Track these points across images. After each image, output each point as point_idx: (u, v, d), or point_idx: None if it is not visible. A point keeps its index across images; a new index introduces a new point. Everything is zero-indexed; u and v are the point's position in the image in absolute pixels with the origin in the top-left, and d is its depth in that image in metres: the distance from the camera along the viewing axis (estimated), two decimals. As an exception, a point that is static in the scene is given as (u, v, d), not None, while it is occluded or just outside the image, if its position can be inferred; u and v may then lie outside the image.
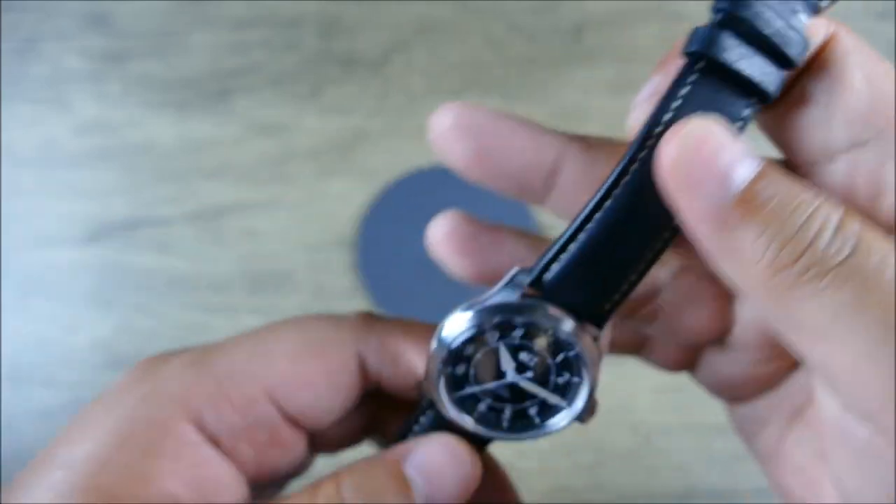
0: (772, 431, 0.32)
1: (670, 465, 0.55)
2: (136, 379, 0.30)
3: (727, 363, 0.32)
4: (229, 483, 0.29)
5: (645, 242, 0.27)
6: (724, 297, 0.32)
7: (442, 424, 0.30)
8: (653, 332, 0.32)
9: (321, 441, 0.34)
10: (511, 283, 0.28)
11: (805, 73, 0.26)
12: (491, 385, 0.29)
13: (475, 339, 0.28)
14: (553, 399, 0.29)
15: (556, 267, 0.27)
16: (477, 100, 0.63)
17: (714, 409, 0.36)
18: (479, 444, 0.31)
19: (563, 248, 0.27)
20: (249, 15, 0.65)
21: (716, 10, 0.25)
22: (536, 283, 0.28)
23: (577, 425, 0.29)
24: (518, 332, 0.28)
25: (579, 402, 0.28)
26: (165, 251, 0.61)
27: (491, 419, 0.29)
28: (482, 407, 0.29)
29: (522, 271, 0.28)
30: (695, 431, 0.56)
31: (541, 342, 0.28)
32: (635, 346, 0.34)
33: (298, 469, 0.33)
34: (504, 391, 0.29)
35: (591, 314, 0.28)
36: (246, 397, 0.30)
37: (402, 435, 0.31)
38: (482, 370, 0.29)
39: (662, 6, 0.64)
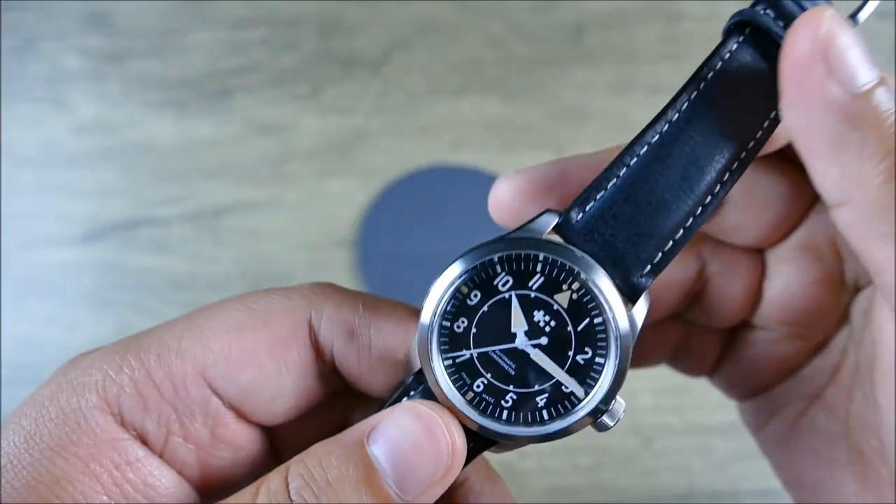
0: (785, 417, 0.32)
1: (670, 466, 0.55)
2: (57, 373, 0.26)
3: (754, 347, 0.32)
4: (167, 488, 0.25)
5: (699, 180, 0.23)
6: (758, 268, 0.32)
7: None
8: (693, 317, 0.32)
9: (287, 445, 0.29)
10: (536, 221, 0.24)
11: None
12: (495, 347, 0.23)
13: (484, 281, 0.23)
14: (568, 383, 0.23)
15: (590, 207, 0.24)
16: (477, 99, 0.63)
17: (714, 411, 0.36)
18: (471, 446, 0.24)
19: (598, 186, 0.24)
20: (249, 15, 0.65)
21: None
22: (565, 224, 0.24)
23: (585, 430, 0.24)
24: (536, 281, 0.23)
25: (599, 393, 0.23)
26: (165, 251, 0.61)
27: (488, 403, 0.24)
28: (479, 385, 0.23)
29: (551, 211, 0.24)
30: (695, 432, 0.56)
31: (562, 298, 0.23)
32: (671, 346, 0.33)
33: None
34: (509, 365, 0.23)
35: (629, 273, 0.23)
36: (173, 379, 0.25)
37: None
38: (487, 329, 0.23)
39: (662, 6, 0.64)
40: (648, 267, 0.24)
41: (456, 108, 0.63)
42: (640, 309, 0.24)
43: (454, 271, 0.23)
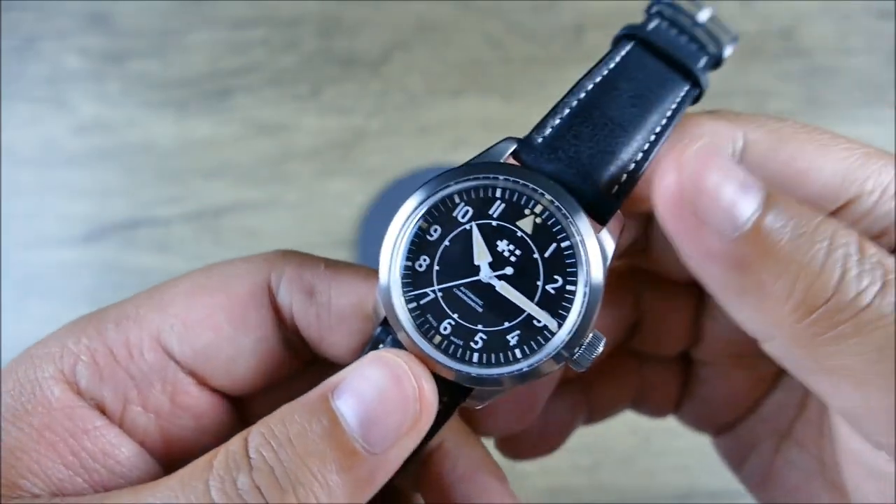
0: (760, 455, 0.32)
1: (670, 466, 0.55)
2: (22, 352, 0.26)
3: (708, 381, 0.33)
4: (127, 458, 0.24)
5: (648, 108, 0.23)
6: (693, 301, 0.31)
7: None
8: (637, 346, 0.33)
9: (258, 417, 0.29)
10: (494, 148, 0.23)
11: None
12: (459, 282, 0.22)
13: (443, 214, 0.22)
14: (539, 316, 0.22)
15: (549, 131, 0.23)
16: (477, 99, 0.63)
17: (714, 410, 0.37)
18: (445, 398, 0.23)
19: (554, 113, 0.23)
20: (249, 15, 0.65)
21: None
22: (526, 147, 0.23)
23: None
24: (497, 208, 0.22)
25: (573, 324, 0.22)
26: (165, 251, 0.61)
27: (457, 346, 0.22)
28: (446, 327, 0.22)
29: (511, 138, 0.23)
30: (694, 432, 0.56)
31: (525, 224, 0.22)
32: (632, 389, 0.34)
33: None
34: (476, 302, 0.22)
35: (599, 189, 0.22)
36: (130, 347, 0.25)
37: None
38: (450, 265, 0.22)
39: (662, 6, 0.64)
40: (616, 187, 0.23)
41: (456, 108, 0.63)
42: (610, 232, 0.23)
43: (410, 206, 0.22)
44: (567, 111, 0.23)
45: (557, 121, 0.23)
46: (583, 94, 0.24)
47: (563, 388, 0.32)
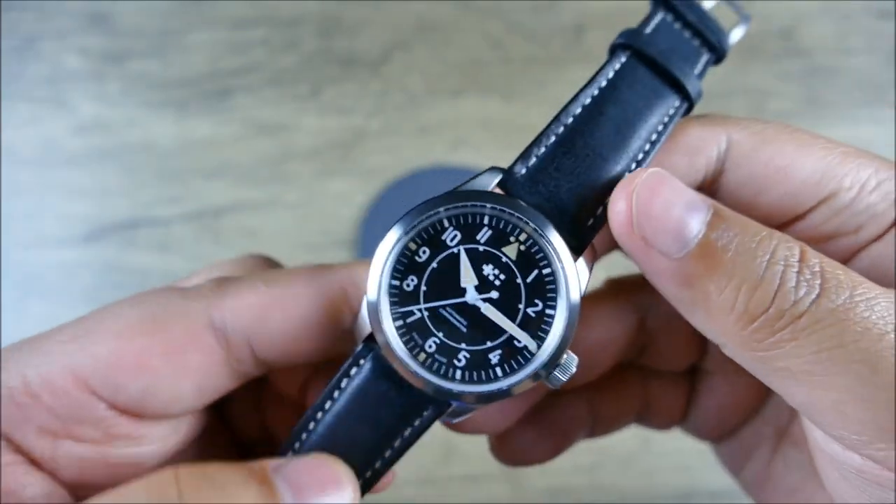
0: (760, 457, 0.32)
1: (670, 466, 0.55)
2: None
3: (715, 389, 0.33)
4: (33, 497, 0.25)
5: (631, 135, 0.24)
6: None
7: (371, 384, 0.24)
8: (647, 363, 0.33)
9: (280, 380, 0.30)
10: (480, 177, 0.24)
11: (731, 174, 0.26)
12: (445, 302, 0.23)
13: (432, 237, 0.23)
14: (520, 337, 0.23)
15: (532, 162, 0.24)
16: (477, 99, 0.63)
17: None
18: (420, 409, 0.24)
19: (539, 142, 0.24)
20: (249, 15, 0.65)
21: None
22: (510, 179, 0.24)
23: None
24: (484, 234, 0.23)
25: (550, 345, 0.23)
26: (165, 251, 0.61)
27: (441, 363, 0.23)
28: (431, 345, 0.23)
29: (496, 168, 0.25)
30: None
31: (510, 251, 0.23)
32: (637, 403, 0.34)
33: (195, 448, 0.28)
34: (460, 322, 0.23)
35: (575, 224, 0.24)
36: (52, 387, 0.24)
37: (325, 398, 0.25)
38: (437, 286, 0.23)
39: (662, 6, 0.64)
40: (591, 219, 0.24)
41: (456, 108, 0.63)
42: (585, 262, 0.24)
43: (400, 228, 0.23)
44: (552, 139, 0.24)
45: (542, 150, 0.24)
46: (570, 120, 0.25)
47: (565, 399, 0.32)
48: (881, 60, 0.64)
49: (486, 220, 0.23)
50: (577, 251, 0.24)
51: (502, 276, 0.23)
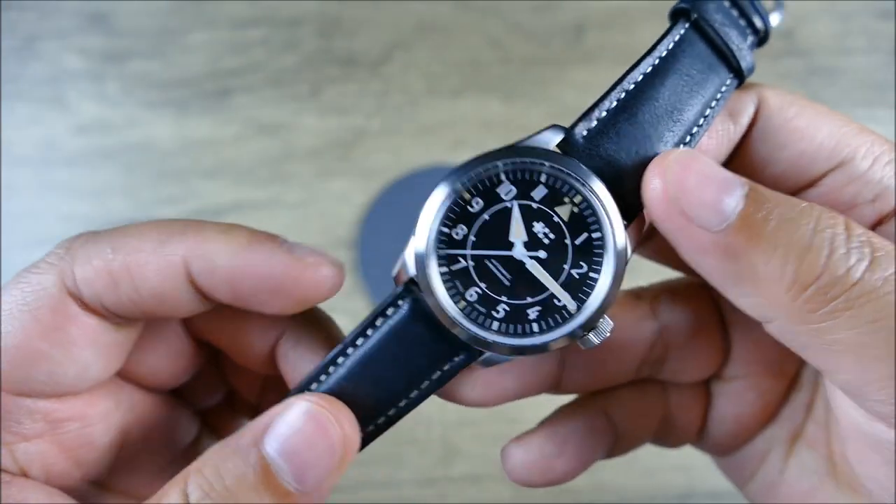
0: (772, 465, 0.32)
1: (670, 466, 0.55)
2: None
3: (735, 397, 0.32)
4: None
5: (689, 105, 0.24)
6: (719, 322, 0.32)
7: (408, 326, 0.24)
8: (666, 377, 0.32)
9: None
10: (541, 134, 0.24)
11: (754, 133, 0.27)
12: (491, 252, 0.23)
13: (487, 189, 0.23)
14: (561, 296, 0.23)
15: (594, 125, 0.24)
16: (477, 99, 0.63)
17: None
18: (451, 352, 0.24)
19: (600, 105, 0.24)
20: (249, 15, 0.65)
21: None
22: (570, 140, 0.24)
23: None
24: (540, 192, 0.23)
25: (590, 308, 0.23)
26: (165, 251, 0.61)
27: (480, 313, 0.24)
28: (473, 294, 0.24)
29: (557, 126, 0.25)
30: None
31: (563, 211, 0.23)
32: (657, 420, 0.33)
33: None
34: (504, 275, 0.23)
35: (629, 191, 0.23)
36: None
37: (356, 335, 0.25)
38: (485, 238, 0.23)
39: (662, 6, 0.64)
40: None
41: (456, 108, 0.63)
42: (633, 231, 0.25)
43: (455, 177, 0.23)
44: (614, 104, 0.24)
45: (604, 114, 0.24)
46: (631, 86, 0.25)
47: (584, 411, 0.32)
48: (881, 60, 0.64)
49: (542, 178, 0.23)
50: (628, 219, 0.24)
51: (552, 236, 0.23)
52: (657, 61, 0.25)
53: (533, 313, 0.24)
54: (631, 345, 0.30)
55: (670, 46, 0.25)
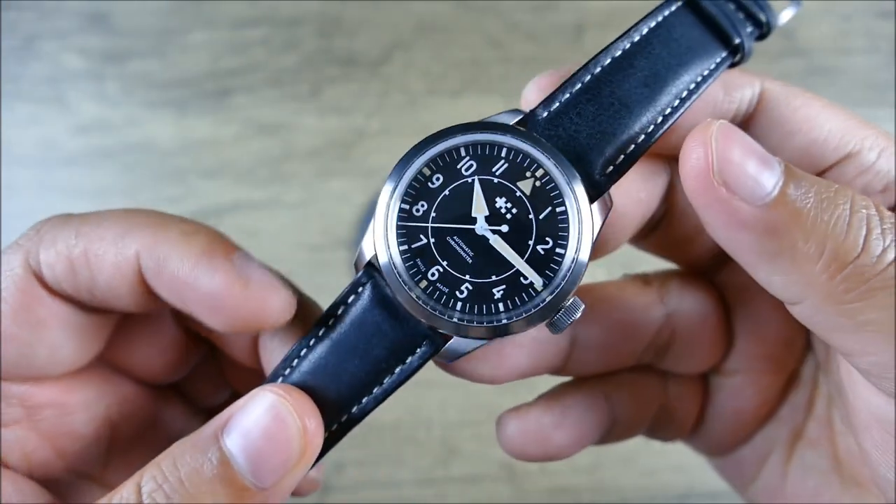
0: (774, 466, 0.31)
1: (670, 466, 0.55)
2: None
3: (733, 393, 0.32)
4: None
5: (660, 90, 0.24)
6: (723, 312, 0.32)
7: (369, 314, 0.23)
8: (668, 366, 0.32)
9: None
10: (501, 114, 0.24)
11: (755, 122, 0.27)
12: (454, 227, 0.22)
13: (448, 164, 0.23)
14: (527, 273, 0.22)
15: (555, 107, 0.24)
16: (477, 99, 0.63)
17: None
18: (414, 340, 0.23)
19: (564, 89, 0.24)
20: (249, 14, 0.65)
21: None
22: (530, 119, 0.24)
23: None
24: (500, 167, 0.23)
25: (557, 285, 0.22)
26: (165, 251, 0.61)
27: (442, 293, 0.23)
28: (434, 273, 0.23)
29: (517, 109, 0.24)
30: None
31: (525, 185, 0.23)
32: (653, 410, 0.33)
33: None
34: (466, 252, 0.23)
35: (591, 169, 0.23)
36: None
37: (318, 325, 0.24)
38: (446, 213, 0.23)
39: (662, 6, 0.64)
40: (611, 167, 0.23)
41: (456, 108, 0.63)
42: (598, 208, 0.24)
43: (415, 153, 0.23)
44: (577, 87, 0.24)
45: (566, 96, 0.24)
46: (597, 70, 0.24)
47: (585, 389, 0.31)
48: (881, 60, 0.64)
49: (503, 153, 0.22)
50: (591, 198, 0.23)
51: (514, 210, 0.22)
52: (628, 45, 0.24)
53: (498, 292, 0.23)
54: (639, 328, 0.30)
55: (644, 31, 0.25)
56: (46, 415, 0.27)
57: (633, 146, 0.24)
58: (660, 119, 0.24)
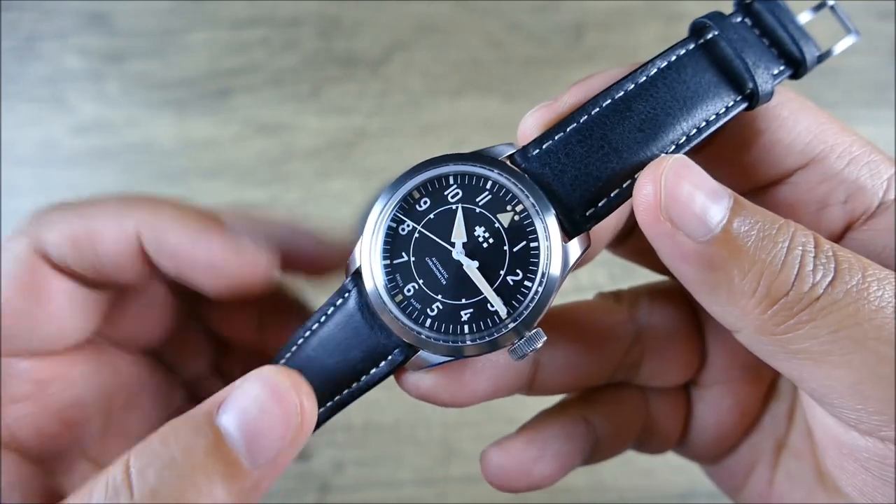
0: (761, 475, 0.32)
1: (670, 466, 0.55)
2: None
3: (714, 403, 0.33)
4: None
5: (655, 135, 0.24)
6: (696, 327, 0.32)
7: (350, 318, 0.25)
8: (643, 381, 0.32)
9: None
10: (494, 148, 0.25)
11: (746, 119, 0.27)
12: (433, 254, 0.24)
13: (436, 190, 0.24)
14: (494, 301, 0.24)
15: (546, 145, 0.25)
16: (477, 99, 0.63)
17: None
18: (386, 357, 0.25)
19: (558, 129, 0.25)
20: (249, 14, 0.65)
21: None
22: (521, 156, 0.25)
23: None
24: (484, 198, 0.24)
25: (521, 315, 0.24)
26: (165, 251, 0.61)
27: (415, 308, 0.24)
28: (410, 289, 0.24)
29: (511, 144, 0.26)
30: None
31: (504, 218, 0.24)
32: (638, 424, 0.33)
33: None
34: (442, 274, 0.24)
35: (572, 209, 0.24)
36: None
37: (314, 320, 0.26)
38: (428, 233, 0.24)
39: (662, 6, 0.64)
40: (591, 210, 0.24)
41: (456, 108, 0.63)
42: (575, 247, 0.25)
43: (409, 176, 0.24)
44: (571, 126, 0.25)
45: (559, 135, 0.25)
46: (594, 111, 0.25)
47: (562, 416, 0.32)
48: (881, 60, 0.64)
49: (488, 185, 0.24)
50: (569, 235, 0.24)
51: (491, 240, 0.24)
52: (631, 87, 0.25)
53: (466, 315, 0.24)
54: (608, 347, 0.31)
55: (663, 65, 0.25)
56: (53, 388, 0.28)
57: (617, 191, 0.25)
58: (671, 149, 0.25)
